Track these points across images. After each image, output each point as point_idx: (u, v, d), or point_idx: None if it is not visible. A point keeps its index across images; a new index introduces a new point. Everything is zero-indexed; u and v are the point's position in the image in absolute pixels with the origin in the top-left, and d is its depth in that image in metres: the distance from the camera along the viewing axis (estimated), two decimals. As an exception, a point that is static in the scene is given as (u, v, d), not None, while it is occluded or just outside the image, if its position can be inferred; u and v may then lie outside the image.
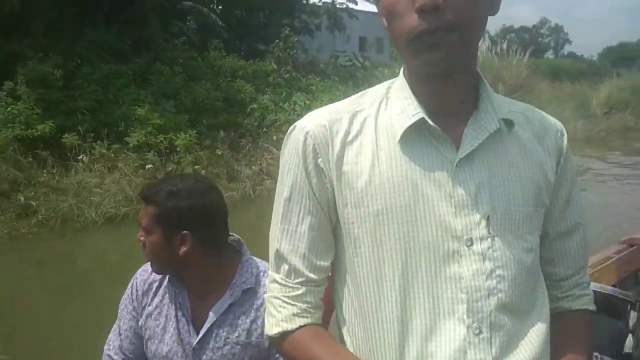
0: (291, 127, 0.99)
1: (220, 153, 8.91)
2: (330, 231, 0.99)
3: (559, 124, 1.04)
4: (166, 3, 12.25)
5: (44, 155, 7.81)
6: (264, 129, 10.33)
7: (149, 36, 11.19)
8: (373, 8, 24.15)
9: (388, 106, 0.96)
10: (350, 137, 0.94)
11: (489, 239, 0.90)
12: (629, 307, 1.87)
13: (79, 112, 8.47)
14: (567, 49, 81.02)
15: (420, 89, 0.92)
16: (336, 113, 0.96)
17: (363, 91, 1.02)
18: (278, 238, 0.99)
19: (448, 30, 0.79)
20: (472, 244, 0.89)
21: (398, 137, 0.91)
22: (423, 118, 0.89)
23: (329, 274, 1.02)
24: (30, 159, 7.75)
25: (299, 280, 0.98)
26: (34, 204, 7.03)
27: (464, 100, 0.93)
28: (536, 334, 0.96)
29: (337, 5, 21.76)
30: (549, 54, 76.12)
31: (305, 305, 0.98)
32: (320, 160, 0.94)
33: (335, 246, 1.00)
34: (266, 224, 1.04)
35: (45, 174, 7.59)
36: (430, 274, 0.89)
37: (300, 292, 0.98)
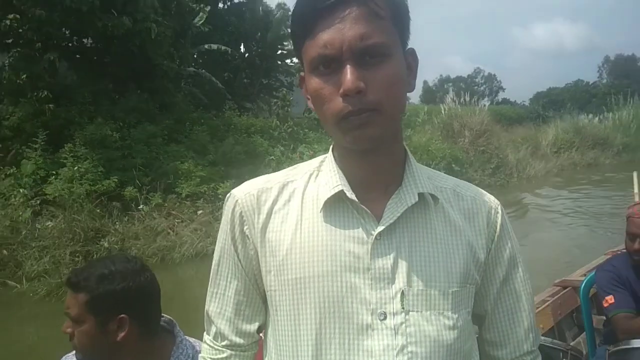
0: (227, 194, 1.03)
1: (256, 199, 10.34)
2: (258, 296, 1.01)
3: (494, 201, 1.04)
4: (177, 70, 13.69)
5: (111, 206, 8.98)
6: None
7: (170, 100, 12.62)
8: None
9: (318, 178, 0.99)
10: (277, 206, 0.97)
11: (403, 314, 0.90)
12: (561, 355, 1.89)
13: (134, 168, 9.73)
14: (501, 95, 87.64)
15: (346, 163, 0.97)
16: (267, 183, 1.01)
17: (298, 164, 1.07)
18: (208, 300, 1.04)
19: (371, 110, 0.85)
20: (385, 318, 0.89)
21: (320, 208, 0.94)
22: (342, 190, 0.93)
23: (258, 339, 1.04)
24: (99, 210, 8.91)
25: (224, 343, 1.02)
26: (117, 247, 8.19)
27: (391, 174, 0.97)
28: None
29: (308, 65, 23.79)
30: (485, 101, 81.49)
31: None
32: (246, 227, 0.98)
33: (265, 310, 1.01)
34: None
35: (117, 223, 8.76)
36: (343, 346, 0.90)
37: (224, 355, 1.01)
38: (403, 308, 0.90)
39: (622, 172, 16.53)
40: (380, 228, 0.92)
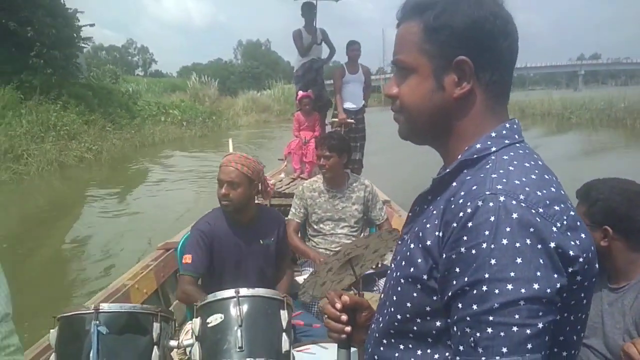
0: None
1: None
2: None
3: None
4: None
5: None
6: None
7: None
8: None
9: None
10: None
11: None
12: (152, 319, 1.94)
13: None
14: (153, 67, 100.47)
15: None
16: None
17: None
18: None
19: None
20: None
21: None
22: None
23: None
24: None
25: None
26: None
27: None
28: None
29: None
30: (139, 71, 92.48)
31: None
32: None
33: None
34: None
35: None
36: None
37: None
38: None
39: (281, 124, 32.12)
40: None
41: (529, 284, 0.83)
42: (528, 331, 0.83)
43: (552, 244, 0.85)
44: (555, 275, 0.85)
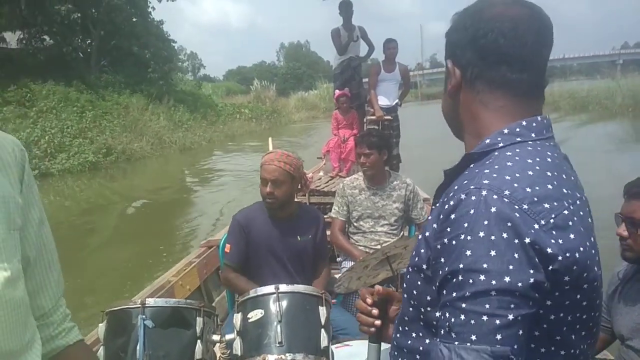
0: None
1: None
2: None
3: (16, 141, 1.07)
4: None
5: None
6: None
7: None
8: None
9: None
10: None
11: None
12: (195, 314, 2.02)
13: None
14: (202, 72, 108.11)
15: None
16: None
17: None
18: None
19: None
20: None
21: None
22: None
23: None
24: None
25: None
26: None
27: None
28: None
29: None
30: (189, 76, 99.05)
31: None
32: None
33: None
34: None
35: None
36: None
37: None
38: None
39: (327, 120, 38.74)
40: None
41: (500, 277, 0.84)
42: (497, 321, 0.84)
43: (527, 240, 0.86)
44: (531, 271, 0.85)
